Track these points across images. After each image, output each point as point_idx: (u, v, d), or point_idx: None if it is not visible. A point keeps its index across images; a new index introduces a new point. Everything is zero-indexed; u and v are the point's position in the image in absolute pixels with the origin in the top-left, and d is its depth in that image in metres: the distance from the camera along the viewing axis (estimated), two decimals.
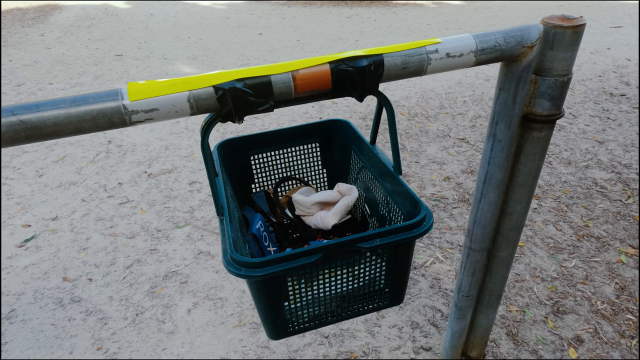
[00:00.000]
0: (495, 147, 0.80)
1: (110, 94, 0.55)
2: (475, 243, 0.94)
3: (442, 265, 1.90)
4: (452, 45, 0.64)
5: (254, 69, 0.59)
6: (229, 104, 0.58)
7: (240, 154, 0.94)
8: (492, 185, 0.84)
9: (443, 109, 3.51)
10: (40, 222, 2.22)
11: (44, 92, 3.84)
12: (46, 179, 2.59)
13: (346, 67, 0.60)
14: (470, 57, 0.65)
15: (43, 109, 0.53)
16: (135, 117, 0.56)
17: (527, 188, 0.85)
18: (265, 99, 0.59)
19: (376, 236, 0.64)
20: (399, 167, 0.76)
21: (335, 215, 0.87)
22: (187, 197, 2.41)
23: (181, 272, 1.88)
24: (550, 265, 1.88)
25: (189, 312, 1.67)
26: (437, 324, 1.61)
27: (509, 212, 0.90)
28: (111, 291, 1.79)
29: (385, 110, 0.69)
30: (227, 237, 0.63)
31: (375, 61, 0.60)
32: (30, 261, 1.96)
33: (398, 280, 0.75)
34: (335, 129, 0.96)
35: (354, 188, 0.92)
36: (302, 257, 0.61)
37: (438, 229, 2.14)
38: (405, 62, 0.62)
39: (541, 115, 0.75)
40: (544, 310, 1.66)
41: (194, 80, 0.57)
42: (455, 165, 2.71)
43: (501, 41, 0.65)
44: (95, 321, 1.64)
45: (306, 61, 0.60)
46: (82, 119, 0.54)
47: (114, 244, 2.07)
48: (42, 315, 1.68)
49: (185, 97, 0.56)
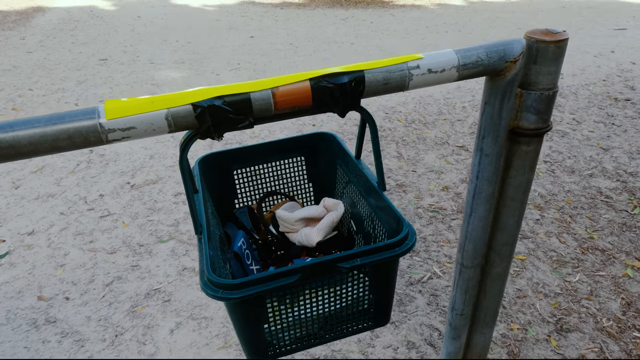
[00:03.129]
0: (483, 161, 0.83)
1: (87, 112, 0.58)
2: (467, 259, 0.97)
3: (440, 281, 1.92)
4: (434, 60, 0.67)
5: (233, 86, 0.62)
6: (208, 121, 0.61)
7: (223, 168, 0.97)
8: (481, 200, 0.88)
9: (441, 115, 3.56)
10: (15, 237, 2.23)
11: (24, 98, 3.86)
12: (23, 191, 2.61)
13: (327, 84, 0.63)
14: (453, 73, 0.68)
15: (17, 128, 0.56)
16: (112, 135, 0.58)
17: (518, 202, 0.88)
18: (245, 116, 0.62)
19: (357, 255, 0.67)
20: (382, 183, 0.79)
21: (320, 232, 0.89)
22: (172, 209, 2.43)
23: (164, 289, 1.89)
24: (554, 280, 1.91)
25: (171, 333, 1.68)
26: (434, 343, 1.63)
27: (501, 227, 0.93)
28: (89, 311, 1.80)
29: (368, 126, 0.72)
30: (205, 257, 0.65)
31: (356, 77, 0.64)
32: (3, 279, 1.97)
33: (382, 300, 0.78)
34: (321, 142, 1.00)
35: (340, 203, 0.95)
36: (280, 277, 0.63)
37: (436, 242, 2.16)
38: (386, 78, 0.65)
39: (528, 129, 0.78)
40: (546, 328, 1.69)
41: (172, 97, 0.60)
42: (454, 175, 2.75)
43: (483, 56, 0.69)
44: (71, 343, 1.65)
45: (286, 78, 0.63)
46: (57, 137, 0.57)
47: (93, 259, 2.08)
48: (14, 337, 1.69)
49: (163, 115, 0.59)
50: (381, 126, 3.38)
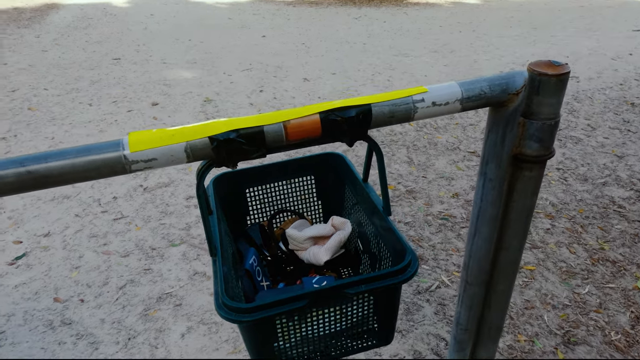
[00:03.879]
0: (487, 185, 0.87)
1: (112, 145, 0.63)
2: (472, 277, 1.01)
3: (448, 290, 1.96)
4: (438, 94, 0.71)
5: (247, 119, 0.67)
6: (224, 153, 0.66)
7: (236, 187, 1.02)
8: (485, 221, 0.91)
9: (453, 120, 3.58)
10: (32, 238, 2.31)
11: (39, 98, 3.97)
12: (39, 193, 2.69)
13: (335, 117, 0.67)
14: (457, 105, 0.72)
15: (51, 160, 0.61)
16: (135, 166, 0.64)
17: (521, 224, 0.92)
18: (258, 147, 0.67)
19: (362, 282, 0.71)
20: (388, 209, 0.84)
21: (328, 251, 0.94)
22: (184, 213, 2.49)
23: (175, 293, 1.96)
24: (562, 292, 1.94)
25: (182, 337, 1.75)
26: (441, 353, 1.67)
27: (505, 246, 0.97)
28: (103, 313, 1.87)
29: (375, 154, 0.77)
30: (220, 280, 0.70)
31: (363, 111, 0.68)
32: (20, 280, 2.05)
33: (386, 321, 0.83)
34: (330, 162, 1.04)
35: (347, 222, 0.99)
36: (289, 302, 0.68)
37: (445, 251, 2.20)
38: (392, 111, 0.70)
39: (531, 155, 0.82)
40: (554, 340, 1.72)
41: (190, 131, 0.65)
42: (465, 181, 2.77)
43: (486, 89, 0.73)
44: (85, 345, 1.72)
45: (297, 111, 0.68)
46: (86, 169, 0.62)
47: (107, 262, 2.15)
48: (31, 338, 1.77)
49: (182, 148, 0.64)
50: (392, 130, 3.41)
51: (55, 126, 3.55)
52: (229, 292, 0.71)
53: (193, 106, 3.86)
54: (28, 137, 3.37)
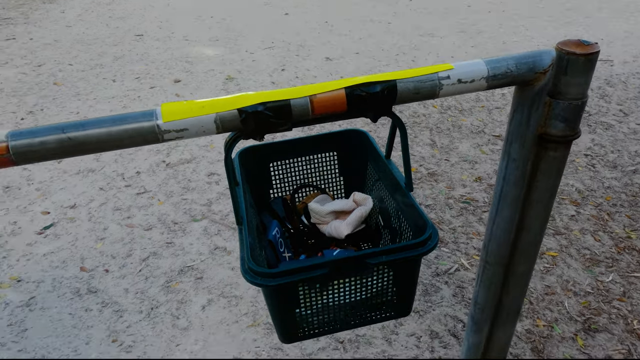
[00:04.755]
0: (510, 166, 0.88)
1: (146, 115, 0.67)
2: (491, 257, 1.03)
3: (467, 273, 1.98)
4: (464, 71, 0.73)
5: (274, 92, 0.69)
6: (252, 124, 0.69)
7: (260, 161, 1.05)
8: (507, 202, 0.93)
9: (479, 102, 3.54)
10: (58, 209, 2.41)
11: (64, 73, 4.06)
12: (65, 166, 2.79)
13: (360, 92, 0.70)
14: (482, 83, 0.74)
15: (88, 127, 0.65)
16: (167, 135, 0.67)
17: (544, 205, 0.93)
18: (285, 120, 0.69)
19: (383, 253, 0.74)
20: (410, 185, 0.86)
21: (349, 225, 0.97)
22: (205, 189, 2.56)
23: (197, 267, 2.03)
24: (585, 279, 1.94)
25: (203, 309, 1.81)
26: (458, 334, 1.70)
27: (526, 227, 0.98)
28: (127, 283, 1.95)
29: (399, 130, 0.79)
30: (245, 247, 0.74)
31: (388, 86, 0.70)
32: (49, 249, 2.15)
33: (405, 293, 0.86)
34: (353, 138, 1.06)
35: (369, 198, 1.02)
36: (312, 270, 0.72)
37: (465, 234, 2.21)
38: (417, 87, 0.72)
39: (556, 135, 0.82)
40: (574, 326, 1.73)
41: (220, 103, 0.68)
42: (489, 165, 2.76)
43: (513, 67, 0.74)
44: (111, 313, 1.81)
45: (323, 86, 0.70)
46: (121, 137, 0.66)
47: (130, 235, 2.23)
48: (60, 304, 1.86)
49: (212, 119, 0.68)
50: (415, 112, 3.40)
51: (80, 101, 3.64)
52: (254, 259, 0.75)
53: (215, 84, 3.90)
54: (54, 112, 3.47)
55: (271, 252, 0.92)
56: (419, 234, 0.82)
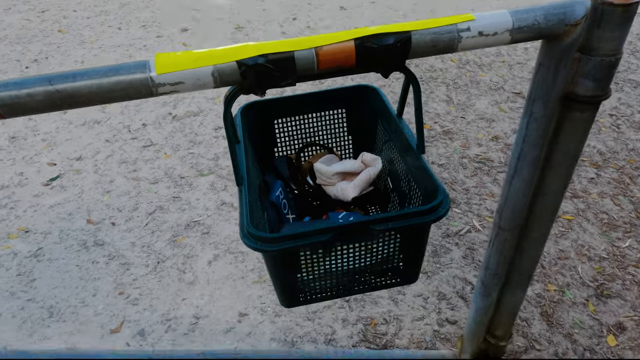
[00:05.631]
0: (531, 126, 0.83)
1: (139, 66, 0.63)
2: (505, 221, 1.00)
3: (478, 235, 1.96)
4: (486, 22, 0.67)
5: (276, 43, 0.65)
6: (252, 78, 0.64)
7: (264, 117, 1.01)
8: (525, 163, 0.89)
9: (500, 57, 3.41)
10: (64, 161, 2.41)
11: (68, 20, 3.98)
12: (70, 116, 2.77)
13: (371, 45, 0.65)
14: (505, 36, 0.68)
15: (79, 78, 0.62)
16: (162, 89, 0.64)
17: (564, 168, 0.89)
18: (288, 74, 0.65)
19: (390, 219, 0.71)
20: (422, 146, 0.82)
21: (356, 188, 0.94)
22: (212, 143, 2.53)
23: (203, 222, 2.03)
24: (601, 244, 1.91)
25: (209, 264, 1.83)
26: (466, 297, 1.70)
27: (544, 191, 0.94)
28: (133, 237, 1.97)
29: (412, 87, 0.74)
30: (245, 209, 0.72)
31: (402, 38, 0.65)
32: (55, 201, 2.16)
33: (412, 260, 0.83)
34: (363, 95, 1.01)
35: (378, 159, 0.98)
36: (314, 235, 0.69)
37: (478, 195, 2.18)
38: (434, 40, 0.66)
39: (584, 96, 0.77)
40: (585, 292, 1.71)
41: (218, 54, 0.63)
42: (506, 124, 2.69)
43: (541, 19, 0.68)
44: (117, 266, 1.83)
45: (330, 37, 0.65)
46: (112, 89, 0.63)
47: (137, 188, 2.24)
48: (67, 255, 1.89)
49: (209, 71, 0.64)
50: (432, 66, 3.29)
51: (84, 49, 3.58)
52: (254, 222, 0.73)
53: (223, 33, 3.79)
54: (59, 60, 3.42)
55: (274, 214, 0.90)
56: (429, 199, 0.79)
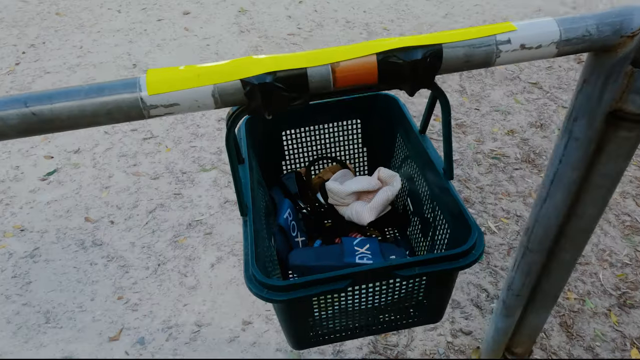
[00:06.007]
0: (571, 146, 0.75)
1: (127, 85, 0.55)
2: (534, 244, 0.92)
3: (494, 238, 1.89)
4: (530, 33, 0.58)
5: (287, 58, 0.56)
6: (258, 99, 0.56)
7: (272, 129, 0.93)
8: (561, 186, 0.81)
9: None
10: (62, 154, 2.34)
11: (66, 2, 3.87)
12: None
13: (396, 60, 0.56)
14: (551, 49, 0.59)
15: (58, 100, 0.54)
16: (154, 111, 0.56)
17: (604, 191, 0.81)
18: (299, 93, 0.57)
19: (416, 264, 0.64)
20: (450, 172, 0.74)
21: (373, 211, 0.86)
22: (215, 136, 2.45)
23: (206, 221, 1.97)
24: (623, 248, 1.83)
25: (212, 267, 1.77)
26: (481, 305, 1.63)
27: (579, 214, 0.86)
28: (133, 237, 1.91)
29: (440, 106, 0.66)
30: (249, 245, 0.64)
31: (432, 53, 0.56)
32: (52, 197, 2.10)
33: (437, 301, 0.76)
34: (381, 104, 0.93)
35: (396, 177, 0.90)
36: (328, 282, 0.62)
37: (494, 194, 2.10)
38: (468, 54, 0.58)
39: (633, 113, 0.69)
40: (607, 301, 1.64)
41: (219, 71, 0.55)
42: (523, 117, 2.59)
43: (593, 29, 0.59)
44: (116, 268, 1.78)
45: (348, 50, 0.57)
46: (96, 112, 0.55)
47: (137, 184, 2.17)
48: (64, 256, 1.83)
49: (209, 92, 0.55)
50: None
51: (83, 34, 3.48)
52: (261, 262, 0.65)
53: (227, 17, 3.68)
54: (56, 45, 3.33)
55: (282, 239, 0.83)
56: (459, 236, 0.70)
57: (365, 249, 0.76)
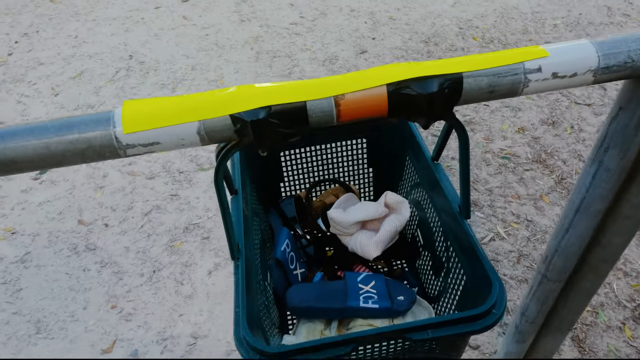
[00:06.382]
0: (600, 176, 0.68)
1: (100, 121, 0.48)
2: (553, 273, 0.86)
3: (503, 244, 1.82)
4: (563, 59, 0.51)
5: (283, 88, 0.49)
6: (250, 136, 0.50)
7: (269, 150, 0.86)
8: (586, 216, 0.74)
9: (526, 35, 3.19)
10: None
11: None
12: (62, 99, 2.62)
13: (410, 92, 0.49)
14: (587, 77, 0.52)
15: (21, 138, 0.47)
16: (132, 150, 0.49)
17: (633, 221, 0.74)
18: (298, 129, 0.50)
19: (429, 327, 0.57)
20: (467, 210, 0.67)
21: (379, 245, 0.79)
22: None
23: (203, 225, 1.91)
24: (638, 257, 1.77)
25: (209, 275, 1.71)
26: None
27: (603, 243, 0.80)
28: (128, 241, 1.85)
29: (458, 138, 0.59)
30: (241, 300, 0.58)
31: (451, 83, 0.49)
32: (45, 197, 2.04)
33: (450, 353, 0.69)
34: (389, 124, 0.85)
35: (405, 203, 0.83)
36: (330, 348, 0.55)
37: (503, 197, 2.03)
38: (492, 84, 0.51)
39: None
40: (622, 313, 1.58)
41: (205, 105, 0.48)
42: (534, 113, 2.50)
43: (636, 55, 0.51)
44: (110, 275, 1.72)
45: (354, 79, 0.50)
46: (64, 152, 0.48)
47: (132, 184, 2.11)
48: (56, 261, 1.78)
49: (194, 129, 0.49)
50: (453, 45, 3.08)
51: (78, 22, 3.39)
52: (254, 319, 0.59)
53: (227, 5, 3.58)
54: (50, 34, 3.24)
55: (279, 274, 0.76)
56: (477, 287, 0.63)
57: (370, 286, 0.69)
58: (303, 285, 0.77)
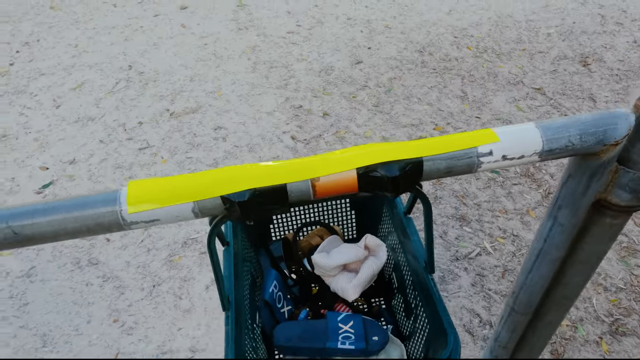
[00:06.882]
0: (555, 229, 0.76)
1: (108, 200, 0.56)
2: (520, 306, 0.94)
3: (489, 259, 1.91)
4: (512, 144, 0.59)
5: (266, 169, 0.57)
6: (238, 212, 0.57)
7: None
8: (546, 262, 0.82)
9: (520, 44, 3.26)
10: (57, 164, 2.35)
11: None
12: (63, 111, 2.70)
13: (377, 174, 0.57)
14: (533, 158, 0.60)
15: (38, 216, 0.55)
16: (135, 226, 0.57)
17: (589, 266, 0.82)
18: (279, 206, 0.58)
19: None
20: (431, 266, 0.75)
21: (357, 288, 0.87)
22: (211, 146, 2.46)
23: (201, 239, 1.99)
24: (619, 272, 1.85)
25: (207, 289, 1.80)
26: (474, 331, 1.66)
27: (564, 282, 0.88)
28: (128, 255, 1.93)
29: (422, 207, 0.66)
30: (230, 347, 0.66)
31: (412, 167, 0.57)
32: None
33: None
34: None
35: (382, 247, 0.91)
36: None
37: (491, 211, 2.11)
38: (449, 166, 0.58)
39: (617, 205, 0.69)
40: (599, 328, 1.67)
41: (199, 187, 0.56)
42: None
43: (576, 140, 0.59)
44: (112, 289, 1.81)
45: (328, 163, 0.57)
46: (77, 228, 0.56)
47: None
48: (60, 276, 1.86)
49: (189, 208, 0.57)
50: (447, 54, 3.15)
51: (78, 30, 3.46)
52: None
53: (225, 13, 3.64)
54: (51, 43, 3.31)
55: (267, 314, 0.84)
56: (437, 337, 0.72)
57: (349, 326, 0.78)
58: (289, 324, 0.86)
